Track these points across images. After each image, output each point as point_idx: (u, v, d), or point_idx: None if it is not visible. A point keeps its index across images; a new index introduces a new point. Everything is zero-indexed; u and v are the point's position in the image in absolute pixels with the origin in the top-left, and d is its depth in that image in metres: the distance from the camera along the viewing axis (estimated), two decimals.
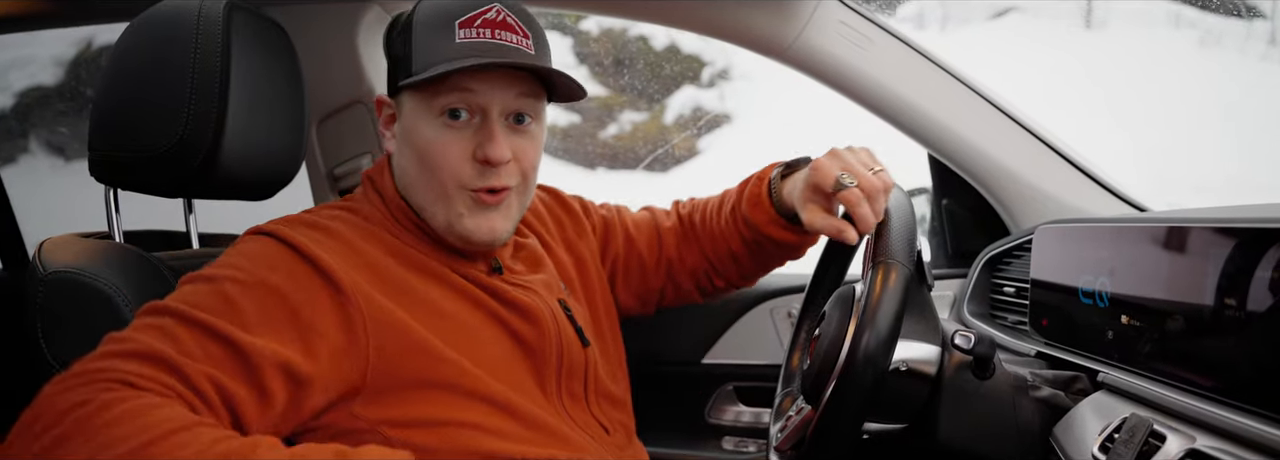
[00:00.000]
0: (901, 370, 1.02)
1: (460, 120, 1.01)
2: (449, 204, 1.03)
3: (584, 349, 1.14)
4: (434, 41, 1.00)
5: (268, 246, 0.95)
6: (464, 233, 1.03)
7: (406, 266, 1.02)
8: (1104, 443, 0.90)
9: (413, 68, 1.00)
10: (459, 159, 1.01)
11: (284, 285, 0.90)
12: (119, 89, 1.11)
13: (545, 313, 1.09)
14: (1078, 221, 1.21)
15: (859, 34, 1.55)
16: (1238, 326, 0.83)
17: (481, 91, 1.00)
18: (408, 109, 1.03)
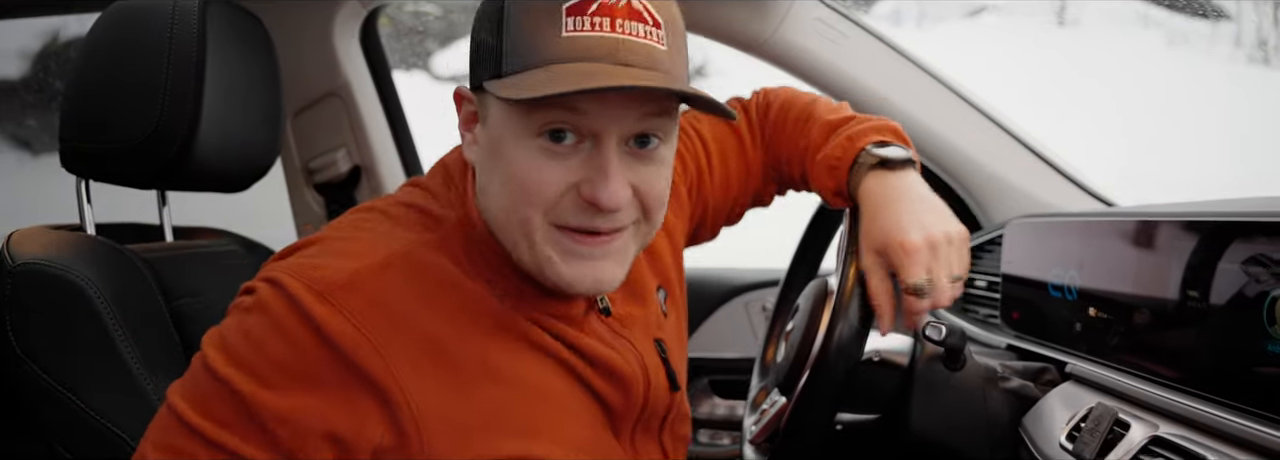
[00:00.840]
0: (874, 360, 1.03)
1: (564, 144, 0.77)
2: (533, 244, 0.79)
3: (672, 393, 0.98)
4: (533, 32, 0.75)
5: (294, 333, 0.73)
6: (559, 282, 0.80)
7: (481, 328, 0.81)
8: (1071, 432, 0.91)
9: (503, 65, 0.76)
10: (556, 189, 0.77)
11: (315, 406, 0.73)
12: (91, 79, 1.10)
13: (637, 375, 0.91)
14: (1048, 216, 1.23)
15: (834, 30, 1.57)
16: (1200, 318, 0.85)
17: (593, 112, 0.75)
18: (496, 116, 0.79)
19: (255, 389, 0.72)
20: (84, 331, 0.98)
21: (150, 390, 0.98)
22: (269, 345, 0.73)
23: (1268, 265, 0.77)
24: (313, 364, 0.73)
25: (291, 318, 0.73)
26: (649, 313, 0.98)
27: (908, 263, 0.93)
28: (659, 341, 0.98)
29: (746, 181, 1.18)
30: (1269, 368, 0.75)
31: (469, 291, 0.81)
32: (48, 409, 0.97)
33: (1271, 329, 0.75)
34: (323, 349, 0.73)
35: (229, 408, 0.73)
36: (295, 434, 0.72)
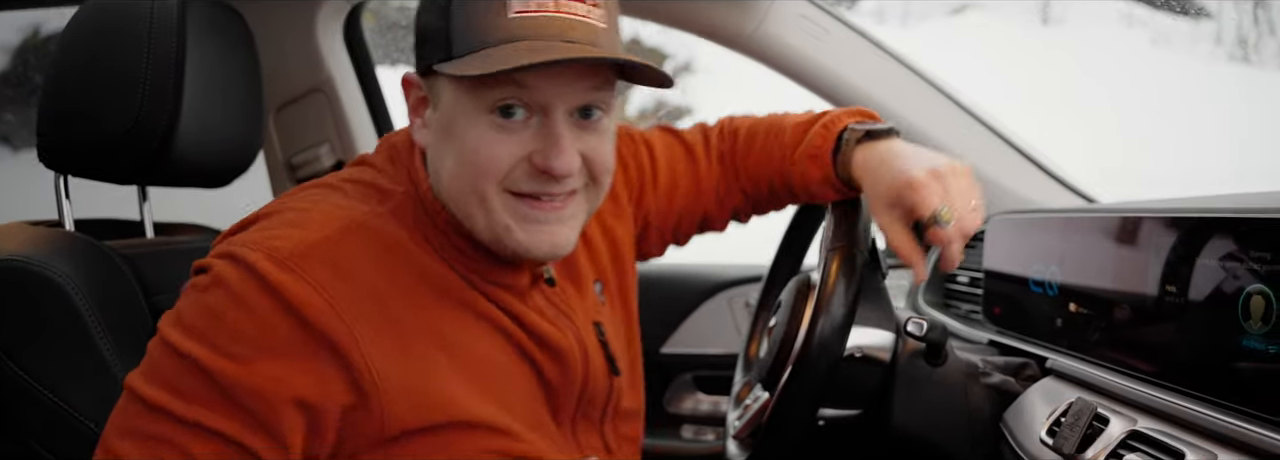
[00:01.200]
0: (856, 356, 1.04)
1: (515, 119, 0.81)
2: (490, 213, 0.83)
3: (611, 378, 1.01)
4: (481, 14, 0.78)
5: (255, 303, 0.75)
6: (517, 248, 0.84)
7: (433, 296, 0.85)
8: (1051, 427, 0.92)
9: (453, 47, 0.79)
10: (509, 161, 0.81)
11: (283, 374, 0.75)
12: (70, 74, 1.09)
13: (575, 352, 0.94)
14: (1029, 212, 1.24)
15: (817, 26, 1.57)
16: (1178, 313, 0.86)
17: (541, 87, 0.79)
18: (447, 97, 0.83)
19: (222, 362, 0.74)
20: (63, 329, 0.97)
21: None
22: (230, 318, 0.75)
23: (1243, 261, 0.78)
24: (276, 333, 0.75)
25: (252, 288, 0.76)
26: (586, 297, 1.01)
27: (920, 196, 0.94)
28: (597, 324, 1.01)
29: (695, 199, 1.18)
30: (1245, 362, 0.76)
31: (421, 261, 0.85)
32: (26, 407, 0.96)
33: (1247, 324, 0.76)
34: (286, 317, 0.75)
35: (197, 384, 0.74)
36: (266, 403, 0.75)
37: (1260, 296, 0.75)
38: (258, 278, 0.76)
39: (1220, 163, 5.16)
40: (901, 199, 0.96)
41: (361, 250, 0.81)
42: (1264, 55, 6.87)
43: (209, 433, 0.74)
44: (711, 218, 1.21)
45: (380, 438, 0.81)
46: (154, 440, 0.75)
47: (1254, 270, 0.76)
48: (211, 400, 0.75)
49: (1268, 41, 6.93)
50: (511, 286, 0.91)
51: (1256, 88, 6.36)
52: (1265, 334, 0.74)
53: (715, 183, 1.19)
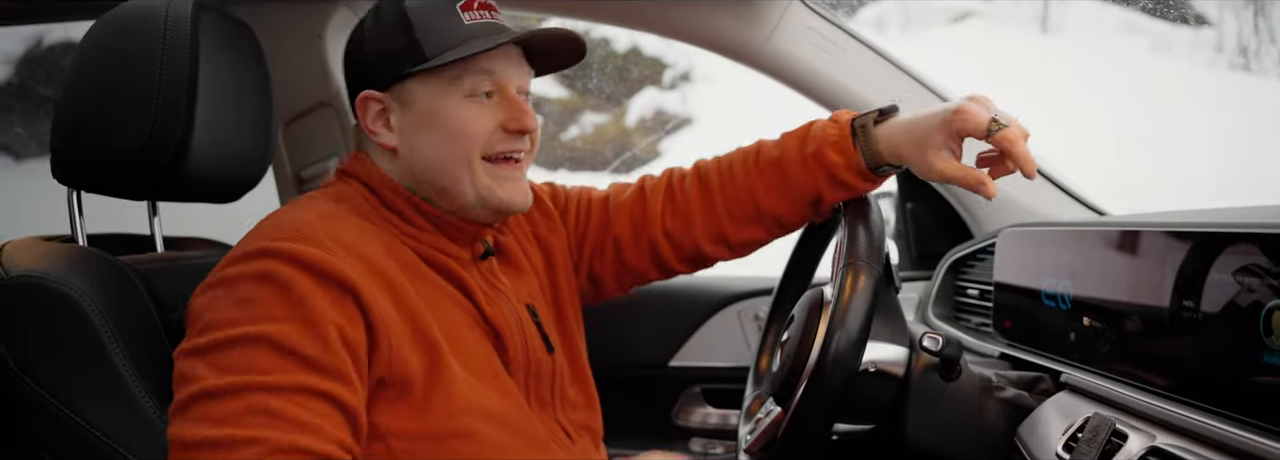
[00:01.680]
0: (870, 371, 1.04)
1: (486, 99, 1.03)
2: (475, 177, 1.03)
3: (549, 355, 1.13)
4: (443, 25, 1.01)
5: (277, 269, 0.88)
6: (499, 204, 1.05)
7: (402, 270, 0.99)
8: (1068, 442, 0.92)
9: (426, 53, 1.01)
10: (488, 129, 1.03)
11: (321, 316, 0.87)
12: (83, 89, 1.09)
13: (511, 325, 1.08)
14: (1040, 225, 1.24)
15: (825, 39, 1.58)
16: (1194, 328, 0.85)
17: (501, 71, 1.04)
18: (424, 96, 1.03)
19: (270, 326, 0.85)
20: (78, 344, 0.97)
21: (145, 402, 0.97)
22: (260, 292, 0.87)
23: (1262, 276, 0.78)
24: (302, 287, 0.87)
25: (268, 263, 0.88)
26: (521, 285, 1.16)
27: (972, 115, 1.02)
28: (530, 306, 1.15)
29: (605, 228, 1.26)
30: (1266, 378, 0.76)
31: (386, 240, 1.01)
32: (41, 421, 0.96)
33: (1268, 340, 0.76)
34: (302, 273, 0.88)
35: (262, 354, 0.84)
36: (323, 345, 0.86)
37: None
38: (269, 253, 0.89)
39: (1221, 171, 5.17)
40: (954, 130, 1.03)
41: (343, 228, 0.97)
42: (1265, 64, 6.88)
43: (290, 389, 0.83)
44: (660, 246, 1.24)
45: (389, 385, 0.92)
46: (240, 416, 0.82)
47: (1274, 286, 0.76)
48: (282, 363, 0.84)
49: (1268, 50, 6.94)
50: (458, 258, 1.07)
51: (1258, 96, 6.36)
52: None
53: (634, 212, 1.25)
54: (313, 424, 0.83)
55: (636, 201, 1.26)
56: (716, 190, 1.22)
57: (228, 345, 0.85)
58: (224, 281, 0.90)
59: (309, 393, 0.84)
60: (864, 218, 1.05)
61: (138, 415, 0.96)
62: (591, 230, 1.27)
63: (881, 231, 1.04)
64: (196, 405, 0.83)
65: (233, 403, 0.83)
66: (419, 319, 0.96)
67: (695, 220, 1.22)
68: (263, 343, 0.85)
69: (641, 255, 1.25)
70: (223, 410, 0.82)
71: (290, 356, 0.85)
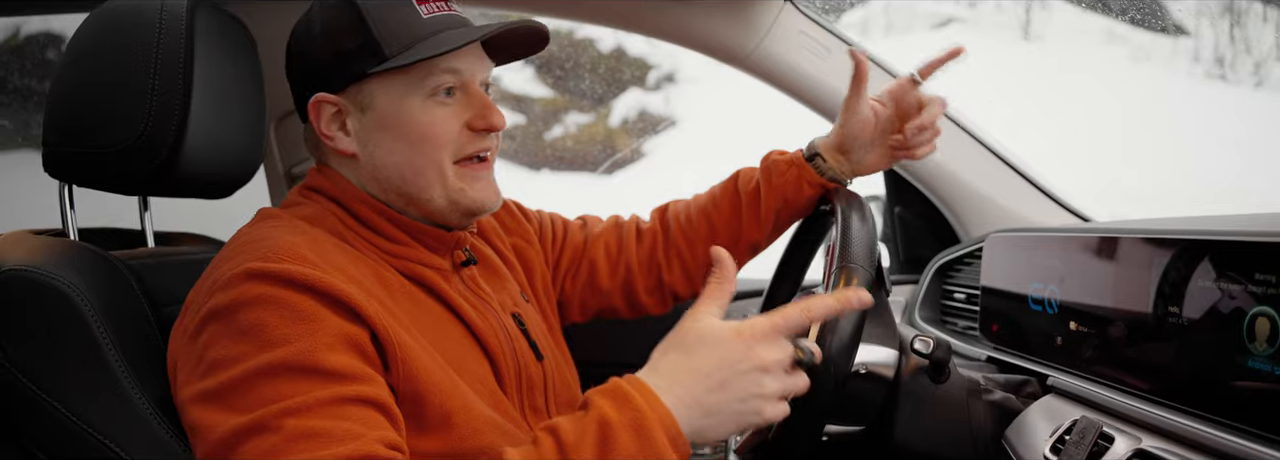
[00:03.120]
0: (861, 373, 1.05)
1: (451, 97, 0.99)
2: (446, 180, 0.99)
3: (539, 363, 1.10)
4: (399, 22, 0.96)
5: (276, 292, 0.84)
6: (473, 205, 1.01)
7: (385, 291, 0.95)
8: (1054, 444, 0.93)
9: (385, 51, 0.95)
10: (454, 131, 0.99)
11: (333, 327, 0.84)
12: (77, 84, 1.08)
13: (498, 334, 1.05)
14: (1027, 230, 1.26)
15: (817, 43, 1.59)
16: (1179, 333, 0.87)
17: (464, 67, 0.99)
18: (384, 98, 0.98)
19: (286, 349, 0.81)
20: (71, 339, 0.96)
21: (137, 397, 0.96)
22: (265, 316, 0.82)
23: (1245, 283, 0.79)
24: (306, 306, 0.84)
25: (266, 286, 0.84)
26: (505, 294, 1.13)
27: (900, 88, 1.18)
28: (516, 315, 1.12)
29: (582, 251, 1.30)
30: (1250, 383, 0.78)
31: (366, 262, 0.97)
32: (31, 416, 0.96)
33: (1252, 345, 0.78)
34: (303, 293, 0.84)
35: (286, 378, 0.80)
36: (344, 353, 0.83)
37: (1265, 318, 0.77)
38: (262, 275, 0.84)
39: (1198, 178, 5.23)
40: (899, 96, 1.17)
41: (330, 248, 0.93)
42: (1240, 73, 6.98)
43: (315, 407, 0.79)
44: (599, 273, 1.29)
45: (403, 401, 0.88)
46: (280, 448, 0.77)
47: (1256, 293, 0.78)
48: (306, 384, 0.80)
49: (1244, 60, 7.04)
50: (439, 269, 1.03)
51: (1233, 106, 6.45)
52: (1270, 355, 0.76)
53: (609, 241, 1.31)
54: (354, 432, 0.78)
55: (612, 232, 1.31)
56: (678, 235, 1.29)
57: (244, 383, 0.80)
58: (217, 314, 0.84)
59: (340, 402, 0.80)
60: (856, 220, 1.06)
61: (129, 410, 0.96)
62: (568, 250, 1.29)
63: (874, 234, 1.05)
64: (231, 450, 0.78)
65: (270, 437, 0.77)
66: (419, 339, 0.93)
67: (669, 261, 1.28)
68: (280, 370, 0.80)
69: (615, 281, 1.29)
70: (261, 447, 0.77)
71: (312, 375, 0.81)
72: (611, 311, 1.32)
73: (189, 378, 0.84)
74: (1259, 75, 6.96)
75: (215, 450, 0.79)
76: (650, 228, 1.31)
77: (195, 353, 0.84)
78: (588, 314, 1.32)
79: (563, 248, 1.29)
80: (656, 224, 1.31)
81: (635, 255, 1.29)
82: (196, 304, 0.88)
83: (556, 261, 1.29)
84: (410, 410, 0.89)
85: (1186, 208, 1.18)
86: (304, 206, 1.02)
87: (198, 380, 0.82)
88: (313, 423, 0.78)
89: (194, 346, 0.85)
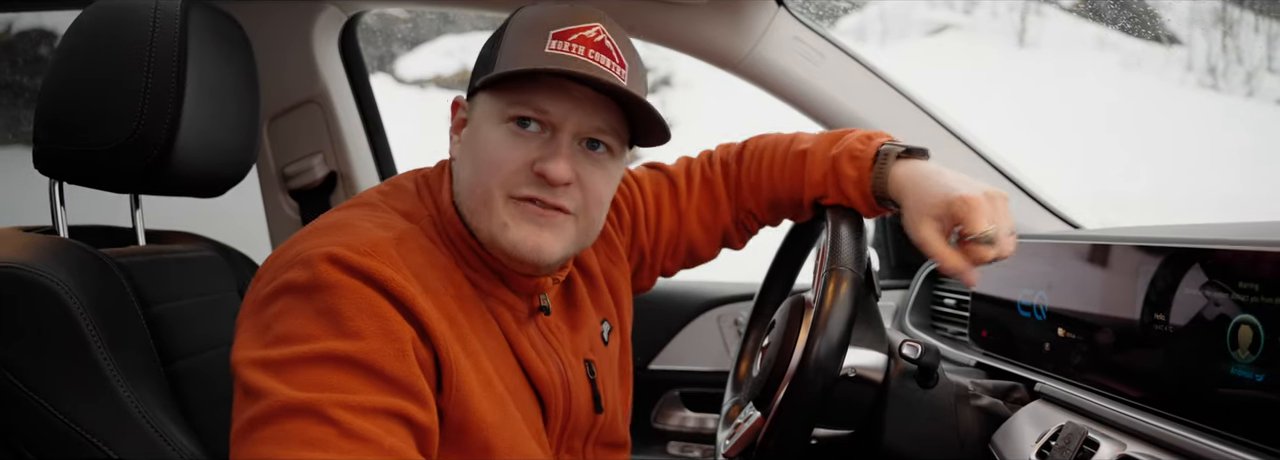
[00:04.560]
0: (850, 376, 1.05)
1: (529, 130, 0.93)
2: (492, 212, 0.93)
3: (596, 415, 1.08)
4: (523, 46, 0.93)
5: (351, 285, 0.82)
6: (507, 246, 0.93)
7: (461, 301, 0.93)
8: (1041, 450, 0.94)
9: (496, 69, 0.93)
10: (515, 165, 0.93)
11: (396, 332, 0.83)
12: (69, 81, 1.08)
13: (556, 385, 1.01)
14: (1017, 237, 1.26)
15: (811, 49, 1.59)
16: (1165, 340, 0.88)
17: (557, 111, 0.93)
18: (480, 112, 0.96)
19: (349, 344, 0.80)
20: (59, 337, 0.96)
21: (127, 396, 0.97)
22: (338, 305, 0.81)
23: (1230, 291, 0.80)
24: (377, 306, 0.82)
25: (344, 276, 0.82)
26: (582, 336, 1.09)
27: (975, 215, 0.98)
28: (588, 362, 1.08)
29: (680, 228, 1.24)
30: (1233, 390, 0.78)
31: (452, 273, 0.94)
32: (19, 415, 0.96)
33: (1235, 353, 0.78)
34: (377, 292, 0.83)
35: (338, 372, 0.79)
36: (400, 363, 0.81)
37: (1248, 326, 0.77)
38: (345, 265, 0.83)
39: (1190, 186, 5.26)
40: (953, 213, 1.00)
41: (415, 252, 0.90)
42: (1232, 83, 7.02)
43: (370, 411, 0.78)
44: (698, 245, 1.25)
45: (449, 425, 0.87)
46: (329, 439, 0.76)
47: (1240, 301, 0.79)
48: (366, 384, 0.79)
49: (1236, 70, 7.08)
50: (513, 309, 1.00)
51: (1225, 115, 6.49)
52: (1253, 363, 0.76)
53: (701, 209, 1.24)
54: (399, 449, 0.78)
55: (704, 196, 1.24)
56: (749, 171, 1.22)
57: (308, 362, 0.79)
58: (295, 288, 0.83)
59: (390, 414, 0.79)
60: (848, 225, 1.07)
61: (118, 410, 0.96)
62: (664, 234, 1.24)
63: (864, 238, 1.06)
64: (278, 423, 0.76)
65: (322, 424, 0.76)
66: (482, 366, 0.91)
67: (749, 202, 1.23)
68: (344, 362, 0.79)
69: (713, 246, 1.27)
70: (311, 432, 0.76)
71: (375, 377, 0.80)
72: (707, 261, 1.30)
73: (253, 341, 0.83)
74: (1250, 86, 7.00)
75: (263, 415, 0.77)
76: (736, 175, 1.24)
77: (264, 319, 0.83)
78: (687, 268, 1.31)
79: (657, 236, 1.23)
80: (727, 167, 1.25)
81: (730, 213, 1.24)
82: (272, 272, 0.86)
83: (652, 248, 1.23)
84: (453, 437, 0.88)
85: (1178, 215, 1.19)
86: (406, 197, 0.99)
87: (262, 348, 0.81)
88: (365, 425, 0.77)
89: (263, 314, 0.83)
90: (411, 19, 6.56)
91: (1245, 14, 7.15)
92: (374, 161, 1.88)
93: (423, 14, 4.01)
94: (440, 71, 9.63)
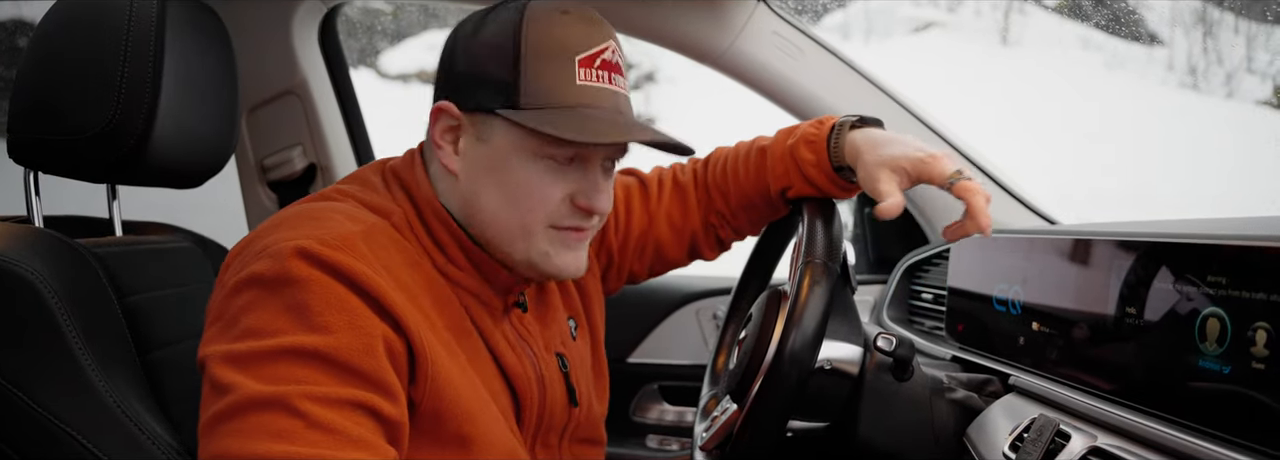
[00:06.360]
0: (825, 369, 1.05)
1: (568, 165, 0.95)
2: (532, 242, 0.95)
3: (571, 409, 1.09)
4: (552, 76, 0.91)
5: (321, 279, 0.82)
6: (551, 270, 0.97)
7: (433, 297, 0.93)
8: (1014, 442, 0.95)
9: (521, 99, 0.91)
10: (556, 200, 0.95)
11: (366, 326, 0.82)
12: (45, 69, 1.07)
13: (531, 380, 1.02)
14: (993, 233, 1.27)
15: (790, 44, 1.60)
16: (1136, 334, 0.89)
17: (596, 149, 0.95)
18: (502, 139, 0.93)
19: (317, 337, 0.80)
20: (33, 327, 0.95)
21: (102, 387, 0.96)
22: (305, 299, 0.81)
23: (1199, 285, 0.81)
24: (346, 301, 0.82)
25: (313, 269, 0.82)
26: (552, 332, 1.10)
27: (938, 163, 1.03)
28: (560, 356, 1.09)
29: (649, 231, 1.24)
30: (1200, 382, 0.79)
31: (425, 269, 0.94)
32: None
33: (1203, 345, 0.79)
34: (347, 288, 0.83)
35: (315, 369, 0.79)
36: (368, 356, 0.81)
37: (1216, 319, 0.78)
38: (314, 259, 0.82)
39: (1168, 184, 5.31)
40: (918, 170, 1.04)
41: (385, 246, 0.90)
42: (1212, 83, 7.09)
43: (336, 403, 0.78)
44: (666, 247, 1.26)
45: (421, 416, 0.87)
46: (297, 431, 0.76)
47: (1209, 294, 0.80)
48: (335, 377, 0.79)
49: (1216, 70, 7.15)
50: (489, 305, 1.00)
51: (1204, 115, 6.55)
52: (1220, 355, 0.77)
53: (671, 211, 1.25)
54: (367, 440, 0.78)
55: (674, 199, 1.25)
56: (716, 179, 1.23)
57: (274, 356, 0.79)
58: (262, 281, 0.82)
59: (358, 407, 0.79)
60: (823, 218, 1.07)
61: (93, 399, 0.95)
62: (633, 235, 1.24)
63: (840, 231, 1.06)
64: (244, 416, 0.77)
65: (288, 416, 0.76)
66: (456, 356, 0.92)
67: (719, 210, 1.24)
68: (311, 356, 0.79)
69: (680, 250, 1.26)
70: (277, 424, 0.76)
71: (343, 371, 0.80)
72: (678, 267, 1.31)
73: (220, 336, 0.83)
74: (1230, 86, 7.07)
75: (229, 410, 0.77)
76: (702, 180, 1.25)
77: (231, 312, 0.83)
78: (656, 274, 1.30)
79: (626, 236, 1.24)
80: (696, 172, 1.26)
81: (701, 219, 1.25)
82: (239, 263, 0.86)
83: (620, 248, 1.24)
84: (427, 426, 0.88)
85: (1157, 214, 1.20)
86: (376, 193, 0.98)
87: (228, 342, 0.81)
88: (332, 416, 0.77)
89: (231, 306, 0.83)
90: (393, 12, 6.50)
91: (1225, 15, 7.22)
92: (353, 154, 1.87)
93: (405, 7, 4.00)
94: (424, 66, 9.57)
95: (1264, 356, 0.73)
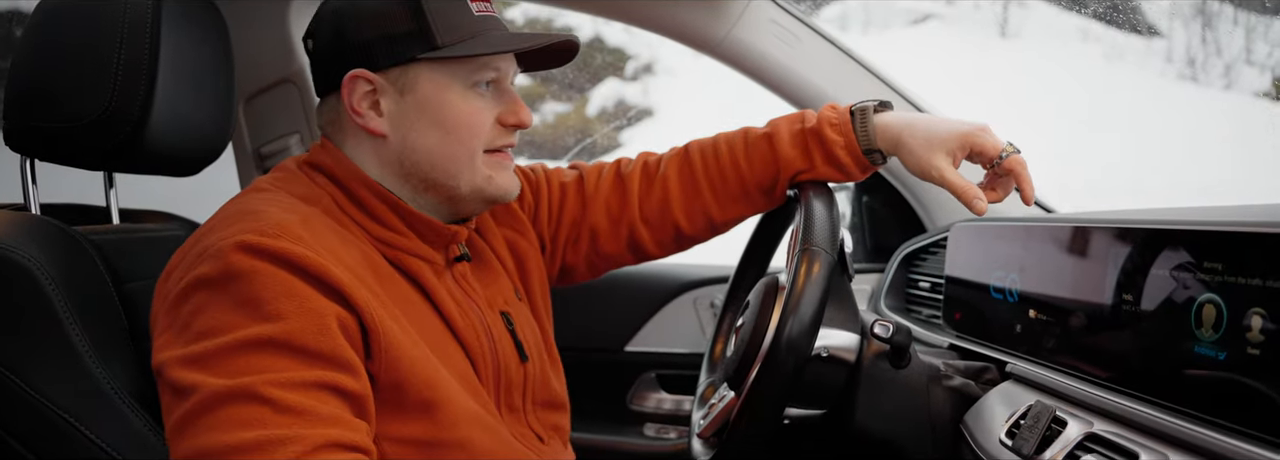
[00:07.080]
0: (822, 356, 1.06)
1: (487, 90, 1.03)
2: (475, 169, 1.02)
3: (522, 364, 1.10)
4: (455, 13, 1.00)
5: (265, 269, 0.84)
6: (497, 192, 1.05)
7: (376, 278, 0.95)
8: (1010, 429, 0.95)
9: (439, 39, 0.98)
10: (488, 124, 1.03)
11: (318, 307, 0.84)
12: (41, 56, 1.07)
13: (479, 335, 1.04)
14: (990, 221, 1.27)
15: (788, 32, 1.60)
16: (1132, 321, 0.89)
17: (504, 66, 1.04)
18: (428, 83, 1.00)
19: (270, 325, 0.81)
20: (30, 313, 0.95)
21: (99, 373, 0.96)
22: (253, 291, 0.83)
23: (1195, 272, 0.81)
24: (294, 286, 0.84)
25: (255, 261, 0.84)
26: (494, 291, 1.13)
27: (992, 138, 1.11)
28: (505, 314, 1.12)
29: (581, 217, 1.26)
30: (1196, 369, 0.79)
31: (361, 244, 0.97)
32: None
33: (1199, 332, 0.80)
34: (293, 273, 0.84)
35: (274, 357, 0.81)
36: (325, 338, 0.83)
37: (1212, 305, 0.78)
38: (255, 250, 0.84)
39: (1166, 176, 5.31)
40: (969, 143, 1.11)
41: (324, 232, 0.92)
42: (1211, 75, 7.08)
43: (300, 385, 0.80)
44: (601, 235, 1.25)
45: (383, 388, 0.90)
46: (266, 417, 0.78)
47: (1205, 281, 0.80)
48: (295, 362, 0.81)
49: (1214, 62, 7.14)
50: (432, 262, 1.03)
51: (1203, 106, 6.55)
52: (1216, 341, 0.77)
53: (609, 200, 1.25)
54: (337, 416, 0.81)
55: (614, 188, 1.25)
56: (700, 170, 1.23)
57: (232, 351, 0.80)
58: (208, 282, 0.84)
59: (322, 387, 0.81)
60: (820, 205, 1.07)
61: (90, 387, 0.95)
62: (566, 220, 1.25)
63: (837, 219, 1.06)
64: (211, 412, 0.78)
65: (255, 404, 0.78)
66: (406, 328, 0.93)
67: (674, 203, 1.23)
68: (268, 345, 0.81)
69: (618, 242, 1.25)
70: (245, 414, 0.77)
71: (300, 355, 0.82)
72: (620, 265, 1.31)
73: (172, 342, 0.83)
74: (1228, 78, 7.07)
75: (195, 409, 0.78)
76: (664, 174, 1.25)
77: (181, 319, 0.84)
78: (598, 272, 1.31)
79: (559, 221, 1.25)
80: (674, 170, 1.25)
81: (640, 212, 1.24)
82: (182, 269, 0.87)
83: (553, 235, 1.26)
84: (390, 397, 0.90)
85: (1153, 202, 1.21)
86: (298, 182, 1.01)
87: (182, 346, 0.82)
88: (298, 398, 0.79)
89: (179, 312, 0.84)
90: None
91: (1224, 7, 7.21)
92: None
93: None
94: None
95: (1259, 342, 0.73)
